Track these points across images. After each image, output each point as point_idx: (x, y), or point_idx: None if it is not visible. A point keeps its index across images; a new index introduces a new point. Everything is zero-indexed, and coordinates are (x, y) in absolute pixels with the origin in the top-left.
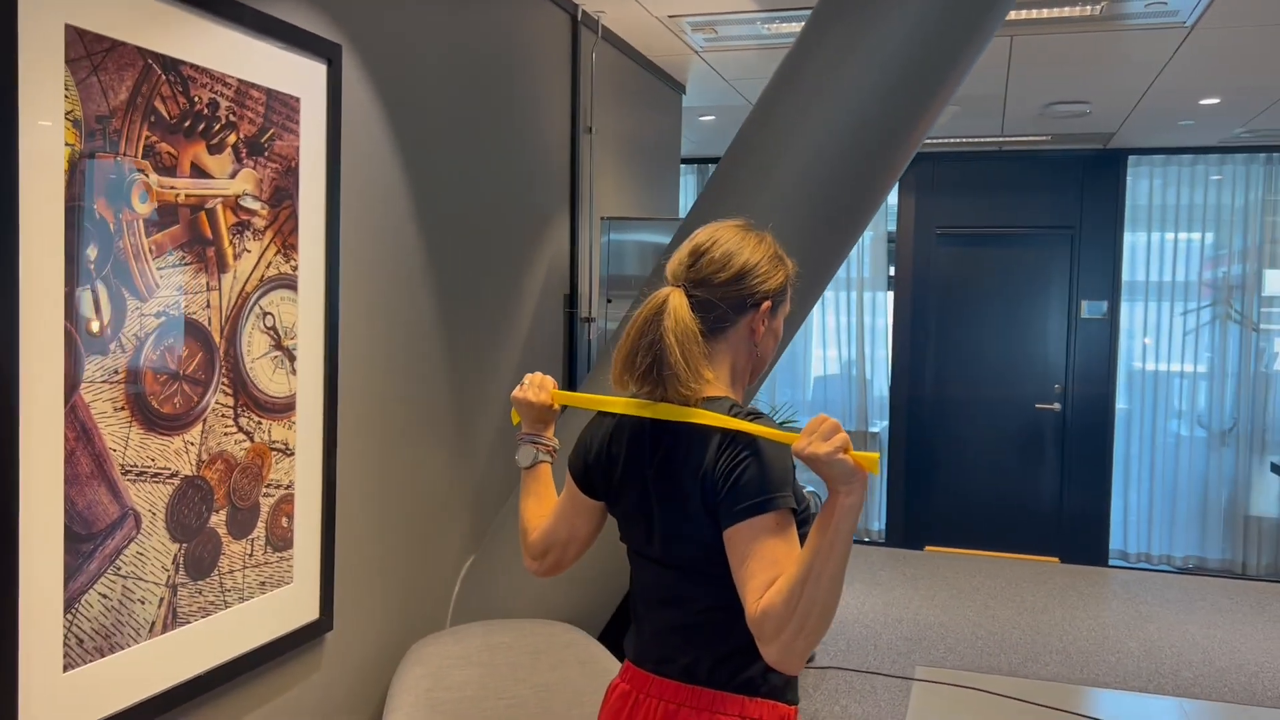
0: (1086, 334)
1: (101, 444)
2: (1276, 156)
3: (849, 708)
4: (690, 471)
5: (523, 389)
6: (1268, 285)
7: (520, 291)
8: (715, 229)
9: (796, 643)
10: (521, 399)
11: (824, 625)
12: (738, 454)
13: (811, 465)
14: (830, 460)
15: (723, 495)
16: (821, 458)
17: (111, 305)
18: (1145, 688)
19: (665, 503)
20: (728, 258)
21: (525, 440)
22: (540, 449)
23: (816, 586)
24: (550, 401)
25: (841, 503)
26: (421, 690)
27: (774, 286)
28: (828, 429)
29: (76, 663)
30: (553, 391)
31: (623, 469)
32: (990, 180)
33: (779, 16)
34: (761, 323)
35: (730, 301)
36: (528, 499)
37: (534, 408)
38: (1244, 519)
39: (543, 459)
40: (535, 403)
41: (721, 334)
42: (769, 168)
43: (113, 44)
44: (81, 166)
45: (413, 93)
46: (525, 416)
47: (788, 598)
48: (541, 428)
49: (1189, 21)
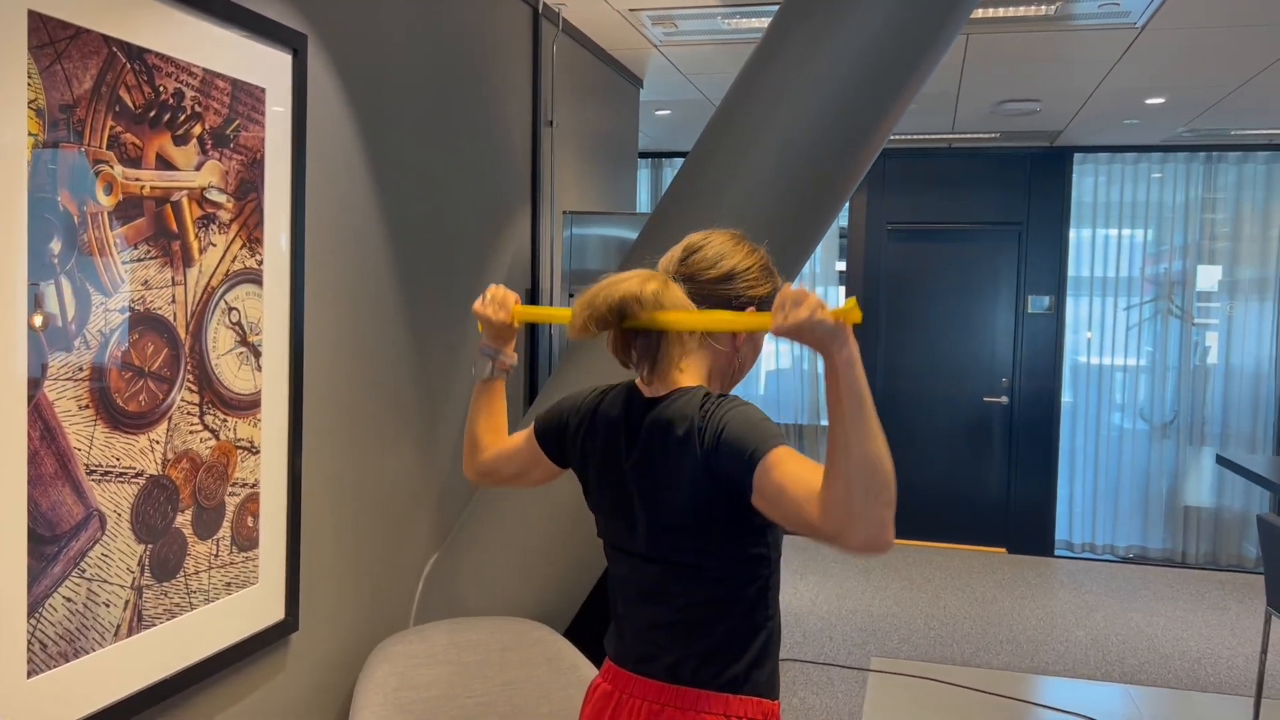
0: (1033, 329)
1: (65, 443)
2: (1216, 155)
3: (807, 699)
4: (679, 457)
5: (483, 303)
6: (1201, 280)
7: (483, 285)
8: (710, 232)
9: (871, 510)
10: (481, 314)
11: (886, 481)
12: (722, 419)
13: (795, 336)
14: (811, 324)
15: (724, 457)
16: (802, 323)
17: (76, 300)
18: (1093, 675)
19: (647, 496)
20: (719, 258)
21: (484, 353)
22: (496, 364)
23: (858, 445)
24: (510, 319)
25: (838, 361)
26: (388, 690)
27: (761, 295)
28: (795, 296)
29: (41, 668)
30: (514, 309)
31: (600, 464)
32: (940, 177)
33: (739, 12)
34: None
35: (715, 300)
36: (479, 413)
37: (492, 325)
38: (1183, 509)
39: (498, 375)
40: (494, 320)
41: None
42: (735, 165)
43: (77, 31)
44: (45, 157)
45: (377, 84)
46: (486, 331)
47: (834, 474)
48: (501, 343)
49: (1139, 22)
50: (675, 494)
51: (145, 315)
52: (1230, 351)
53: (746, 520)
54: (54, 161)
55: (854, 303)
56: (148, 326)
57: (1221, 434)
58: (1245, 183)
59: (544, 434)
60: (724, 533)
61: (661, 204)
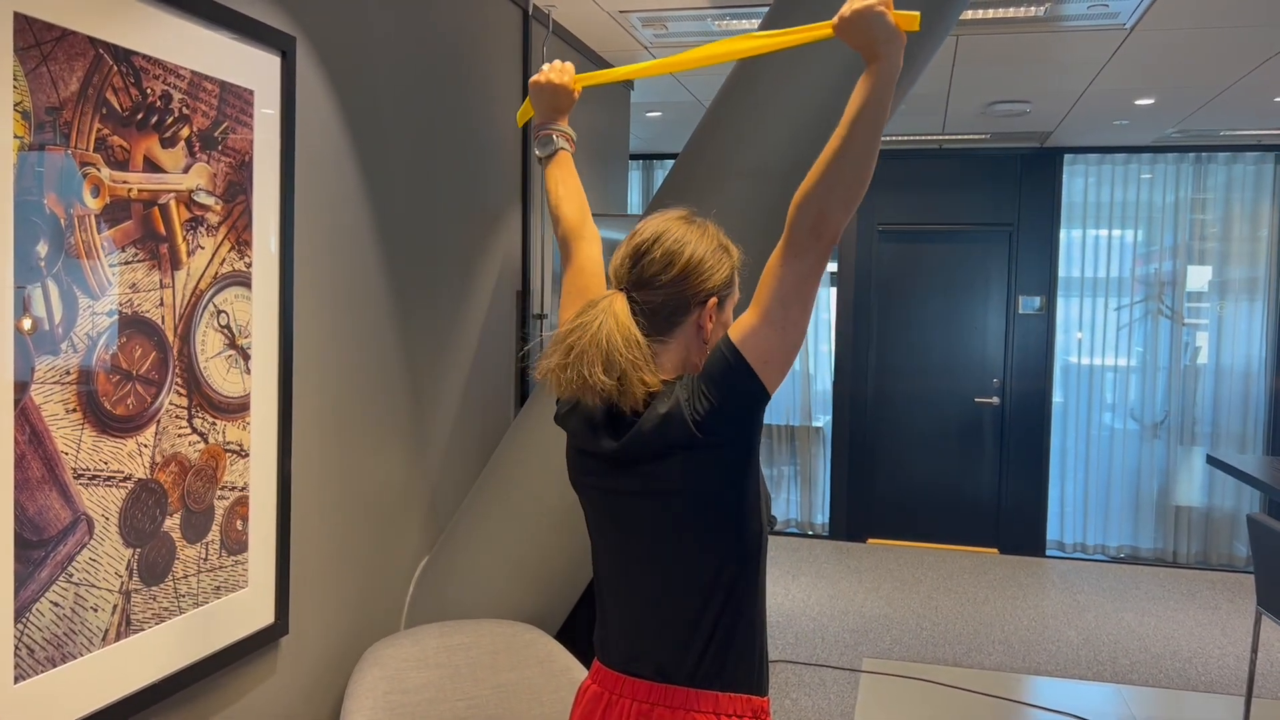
0: (1024, 329)
1: (53, 447)
2: (1205, 156)
3: (799, 700)
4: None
5: (544, 72)
6: (1191, 281)
7: (473, 288)
8: (657, 223)
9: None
10: (544, 82)
11: (861, 187)
12: (693, 382)
13: (853, 29)
14: (872, 15)
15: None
16: (865, 11)
17: (63, 303)
18: (1085, 675)
19: (635, 491)
20: (669, 257)
21: (543, 129)
22: (559, 135)
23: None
24: (571, 85)
25: (881, 68)
26: (379, 693)
27: (720, 280)
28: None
29: (28, 674)
30: (574, 75)
31: (591, 458)
32: (930, 177)
33: (729, 13)
34: (709, 318)
35: (676, 302)
36: (556, 186)
37: (555, 90)
38: (1174, 509)
39: (562, 146)
40: (558, 84)
41: (669, 333)
42: (726, 166)
43: (63, 33)
44: (31, 160)
45: (366, 86)
46: (542, 104)
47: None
48: (557, 115)
49: (1129, 23)
50: (659, 492)
51: (133, 318)
52: (1220, 351)
53: (730, 517)
54: (40, 164)
55: (918, 15)
56: (136, 330)
57: (1212, 434)
58: (1234, 183)
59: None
60: (706, 531)
61: (652, 205)
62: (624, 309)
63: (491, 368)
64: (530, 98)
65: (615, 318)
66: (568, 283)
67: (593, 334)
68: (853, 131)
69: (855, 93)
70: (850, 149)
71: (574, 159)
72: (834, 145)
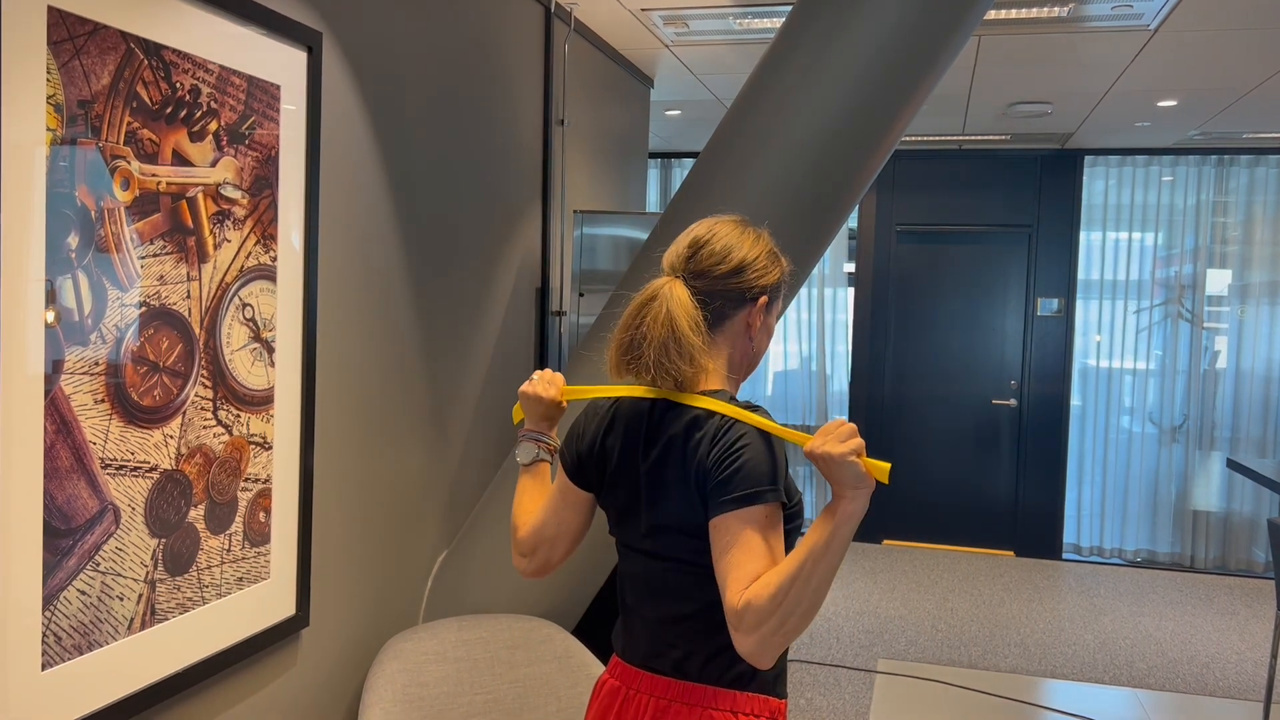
0: (1042, 331)
1: (81, 437)
2: (1227, 159)
3: (814, 700)
4: (684, 463)
5: (532, 384)
6: (1211, 284)
7: (493, 284)
8: (713, 223)
9: (775, 638)
10: (531, 394)
11: (804, 625)
12: (733, 444)
13: (823, 465)
14: (843, 462)
15: (714, 484)
16: (835, 458)
17: (92, 295)
18: (1101, 679)
19: (658, 496)
20: (727, 250)
21: (527, 437)
22: (542, 447)
23: (805, 586)
24: (559, 398)
25: (845, 508)
26: (398, 686)
27: (771, 282)
28: (845, 432)
29: (55, 661)
30: (562, 388)
31: (617, 462)
32: (950, 178)
33: (751, 12)
34: (758, 318)
35: (729, 294)
36: (523, 497)
37: (543, 403)
38: (1192, 513)
39: (543, 458)
40: (545, 398)
41: (720, 327)
42: (747, 165)
43: (95, 27)
44: (63, 153)
45: (390, 82)
46: (531, 413)
47: (774, 594)
48: (546, 425)
49: (1153, 25)
50: (683, 492)
51: (160, 310)
52: (1240, 355)
53: None
54: (72, 157)
55: (888, 466)
56: (163, 322)
57: (1231, 438)
58: (1257, 186)
59: (564, 456)
60: None
61: (673, 204)
62: (684, 293)
63: (510, 364)
64: (520, 402)
65: (679, 303)
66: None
67: (662, 319)
68: (805, 570)
69: (814, 529)
70: (803, 589)
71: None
72: (785, 575)
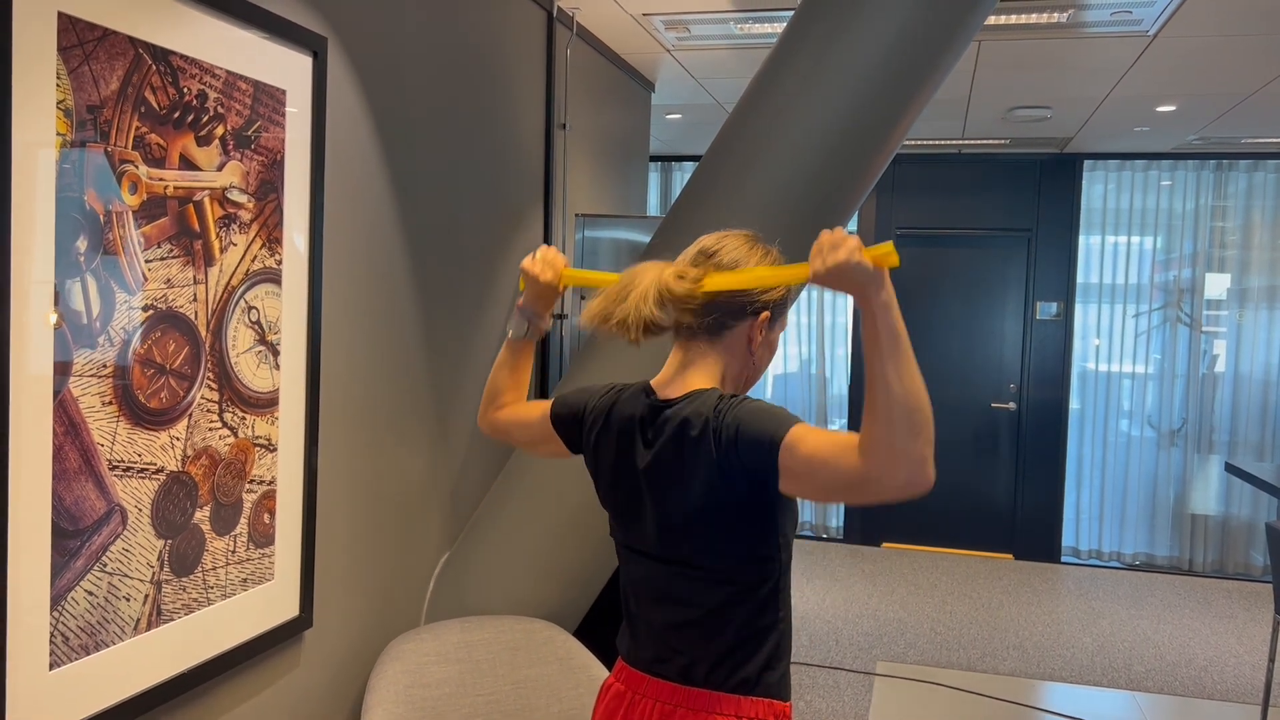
0: (1041, 335)
1: (89, 439)
2: (1226, 163)
3: (814, 703)
4: (697, 445)
5: (533, 260)
6: (1210, 288)
7: (496, 286)
8: (724, 235)
9: (912, 448)
10: (530, 272)
11: (926, 419)
12: (734, 416)
13: (833, 281)
14: (849, 267)
15: (745, 451)
16: (841, 265)
17: (100, 298)
18: (1099, 682)
19: (660, 496)
20: (734, 263)
21: (522, 313)
22: (532, 326)
23: (898, 383)
24: (555, 281)
25: (875, 305)
26: (400, 687)
27: (775, 298)
28: (833, 240)
29: (62, 660)
30: (561, 271)
31: (612, 463)
32: (950, 182)
33: (752, 17)
34: (759, 332)
35: (730, 306)
36: (503, 368)
37: (538, 284)
38: (1190, 517)
39: (531, 336)
40: (541, 280)
41: (719, 337)
42: (748, 170)
43: (104, 32)
44: (72, 157)
45: (394, 87)
46: (529, 290)
47: (875, 415)
48: (542, 306)
49: (1152, 30)
50: (688, 494)
51: (167, 313)
52: (1239, 359)
53: (757, 520)
54: (81, 161)
55: (890, 246)
56: (169, 325)
57: (1230, 442)
58: (1255, 191)
59: (560, 419)
60: (733, 534)
61: (675, 207)
62: (672, 277)
63: None
64: (522, 276)
65: (660, 268)
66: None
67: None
68: (888, 374)
69: (866, 339)
70: (896, 388)
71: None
72: (878, 394)
